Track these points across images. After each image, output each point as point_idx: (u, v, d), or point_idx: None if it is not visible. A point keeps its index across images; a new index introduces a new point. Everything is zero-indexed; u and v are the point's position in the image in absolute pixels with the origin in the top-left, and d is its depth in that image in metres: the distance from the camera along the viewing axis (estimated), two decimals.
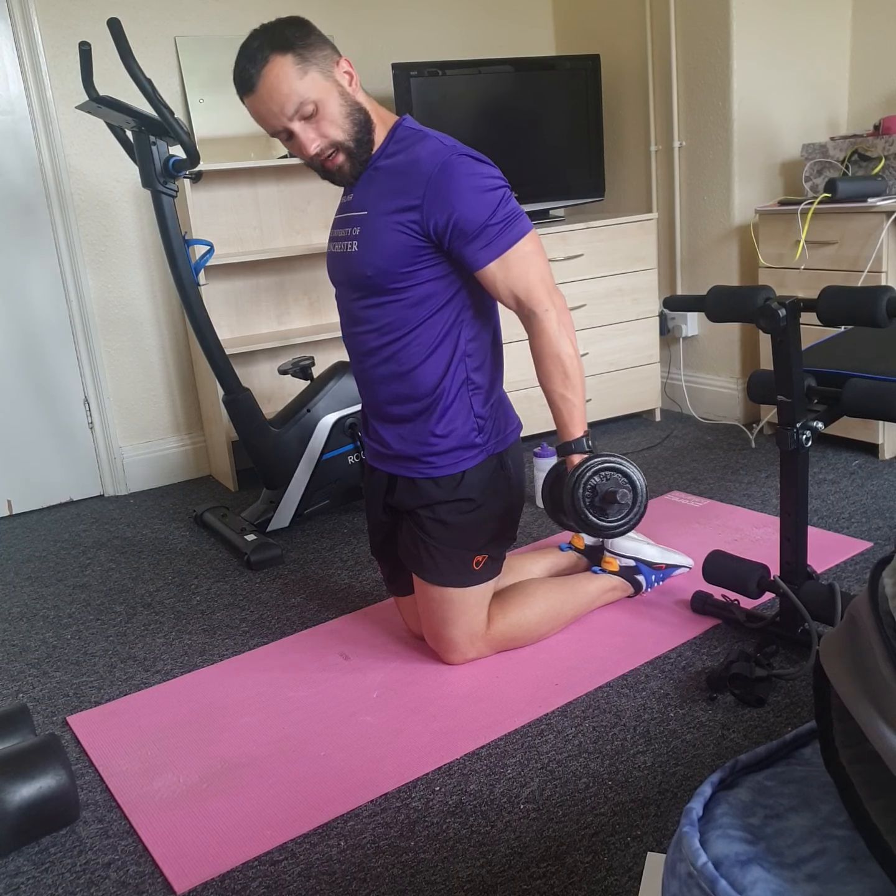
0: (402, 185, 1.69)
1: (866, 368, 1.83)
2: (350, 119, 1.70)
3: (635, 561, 2.13)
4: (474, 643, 1.92)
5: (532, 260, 1.69)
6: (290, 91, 1.63)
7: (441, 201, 1.64)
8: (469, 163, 1.67)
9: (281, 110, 1.64)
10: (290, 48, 1.64)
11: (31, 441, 3.17)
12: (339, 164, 1.72)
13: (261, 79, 1.63)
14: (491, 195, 1.66)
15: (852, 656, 0.80)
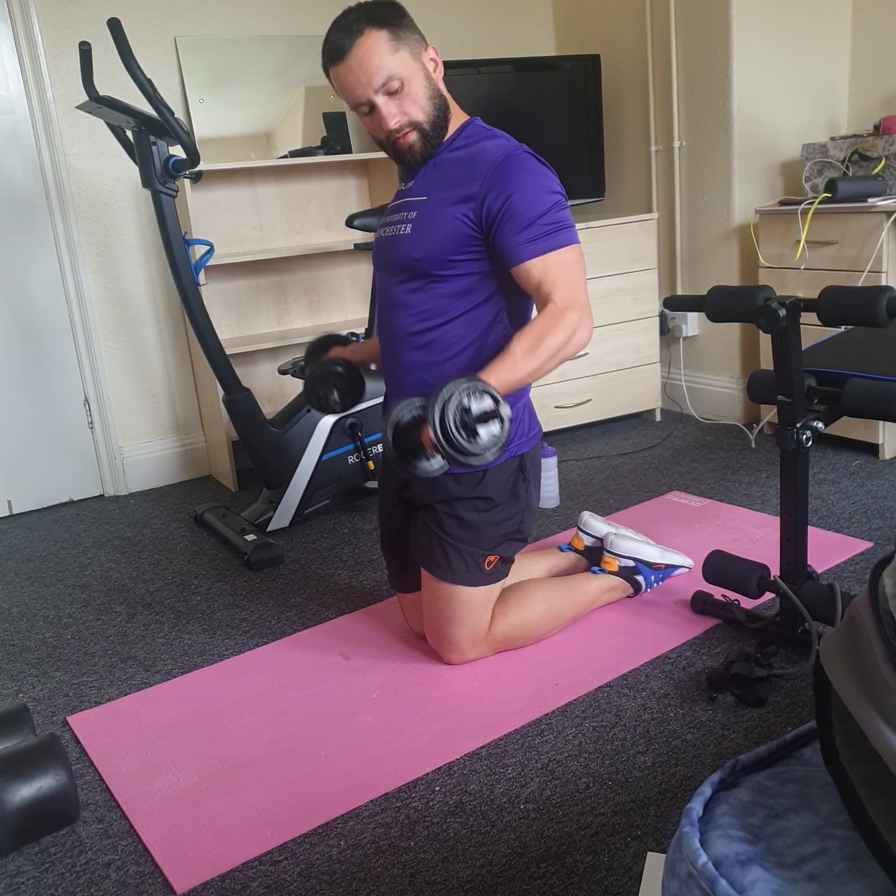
0: (465, 173, 1.72)
1: (866, 368, 1.83)
2: (431, 102, 1.74)
3: (634, 561, 2.13)
4: (476, 644, 1.92)
5: (571, 269, 1.68)
6: (380, 64, 1.66)
7: (501, 185, 1.67)
8: (534, 162, 1.72)
9: (368, 81, 1.67)
10: (386, 24, 1.68)
11: (31, 441, 3.17)
12: (412, 142, 1.74)
13: (353, 48, 1.66)
14: (549, 196, 1.69)
15: (852, 656, 0.80)
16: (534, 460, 1.91)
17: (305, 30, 3.33)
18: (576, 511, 2.73)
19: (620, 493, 2.89)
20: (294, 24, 3.32)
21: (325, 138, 3.35)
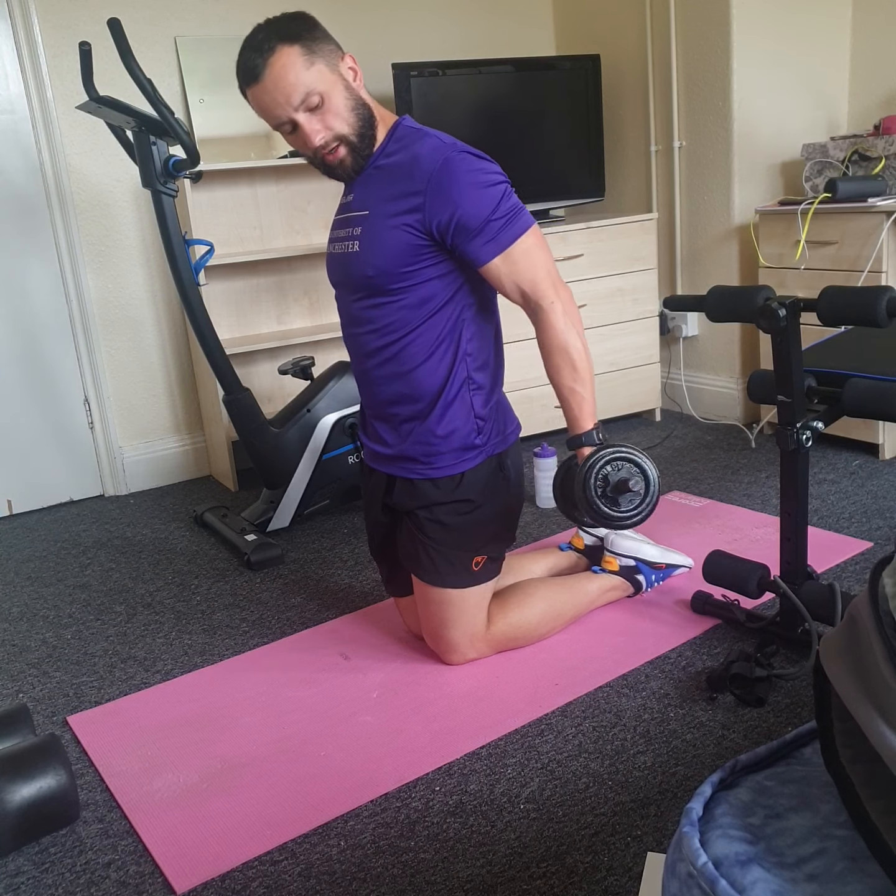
0: (403, 184, 1.69)
1: (866, 368, 1.83)
2: (354, 113, 1.70)
3: (635, 560, 2.13)
4: (474, 644, 1.92)
5: (536, 254, 1.69)
6: (296, 81, 1.63)
7: (443, 199, 1.64)
8: (469, 159, 1.68)
9: (287, 100, 1.64)
10: (297, 39, 1.64)
11: (31, 441, 3.17)
12: (341, 157, 1.71)
13: (267, 68, 1.63)
14: (492, 190, 1.66)
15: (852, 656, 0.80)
16: (514, 457, 1.90)
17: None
18: None
19: None
20: None
21: None
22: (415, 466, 1.84)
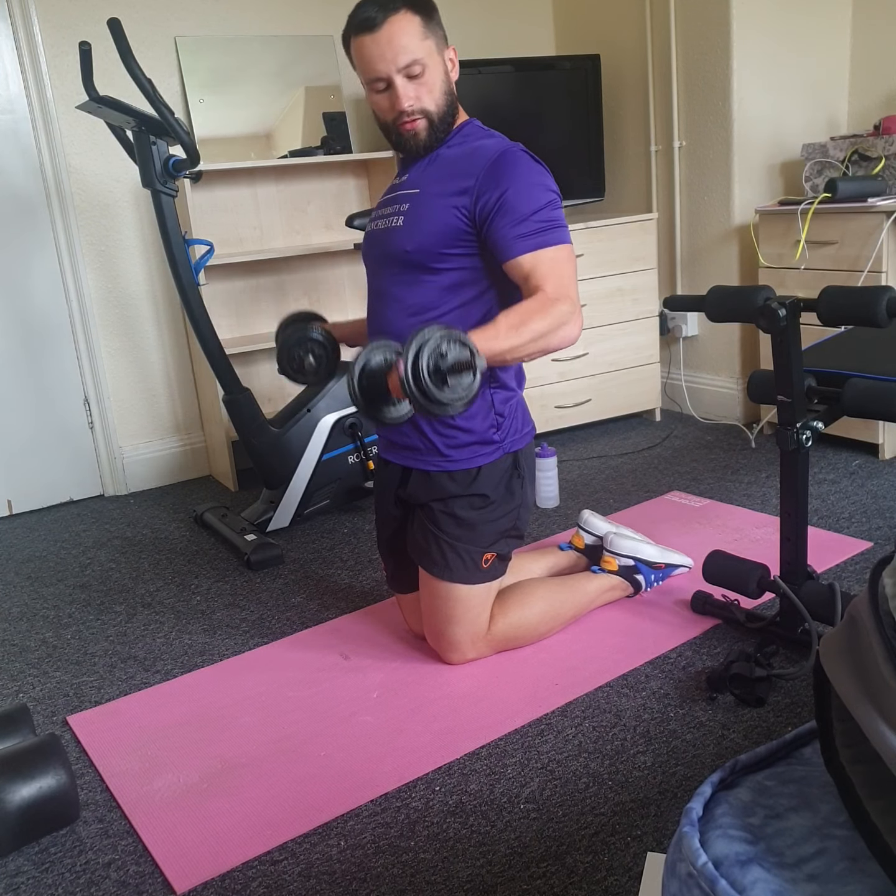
0: (461, 168, 1.74)
1: (866, 368, 1.83)
2: (445, 96, 1.76)
3: (634, 560, 2.13)
4: (475, 643, 1.92)
5: (562, 266, 1.68)
6: (409, 45, 1.68)
7: (496, 180, 1.68)
8: (530, 160, 1.73)
9: (394, 58, 1.68)
10: (422, 11, 1.70)
11: (31, 441, 3.17)
12: (418, 129, 1.75)
13: (386, 23, 1.66)
14: (544, 193, 1.70)
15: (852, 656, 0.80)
16: (528, 457, 1.92)
17: (305, 30, 3.33)
18: (575, 511, 2.73)
19: (620, 493, 2.89)
20: (294, 24, 3.32)
21: (325, 138, 3.35)
22: (432, 458, 1.85)
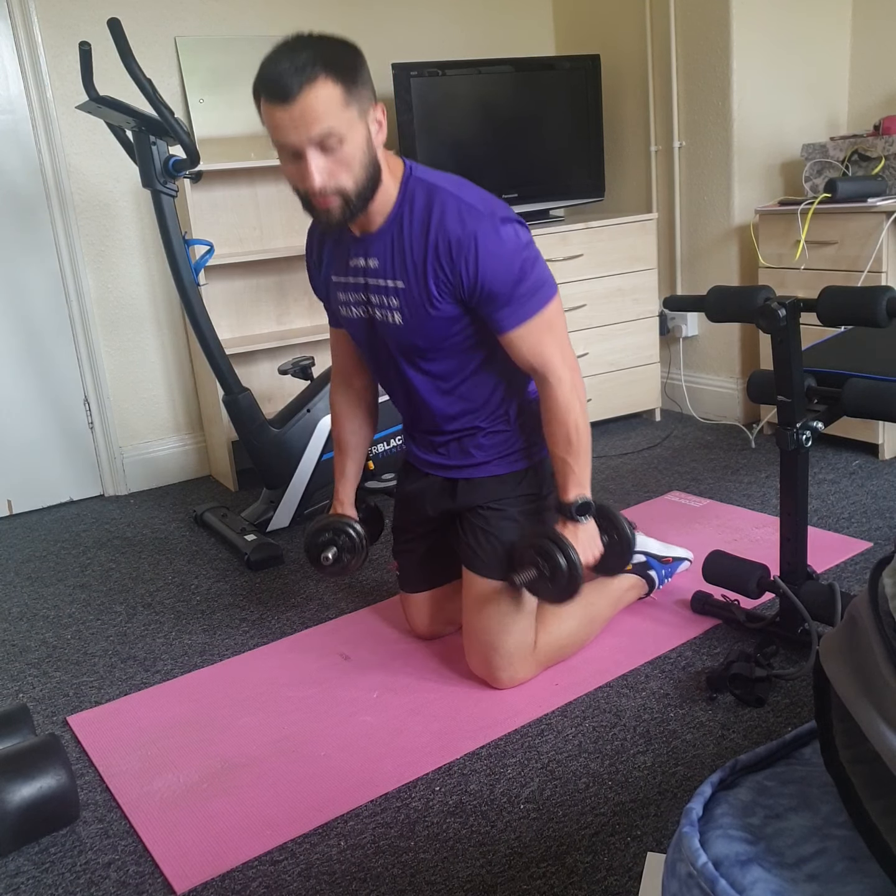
0: (431, 259, 1.64)
1: (866, 368, 1.83)
2: (365, 171, 1.58)
3: (645, 556, 2.13)
4: (526, 658, 1.84)
5: (554, 326, 1.69)
6: (325, 117, 1.50)
7: (470, 269, 1.61)
8: (496, 228, 1.61)
9: (307, 131, 1.51)
10: (344, 76, 1.52)
11: (31, 441, 3.17)
12: (331, 208, 1.59)
13: (301, 94, 1.49)
14: (519, 260, 1.63)
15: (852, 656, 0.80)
16: None
17: (305, 30, 3.32)
18: None
19: (620, 493, 2.89)
20: (294, 24, 3.32)
21: None
22: (484, 467, 1.87)
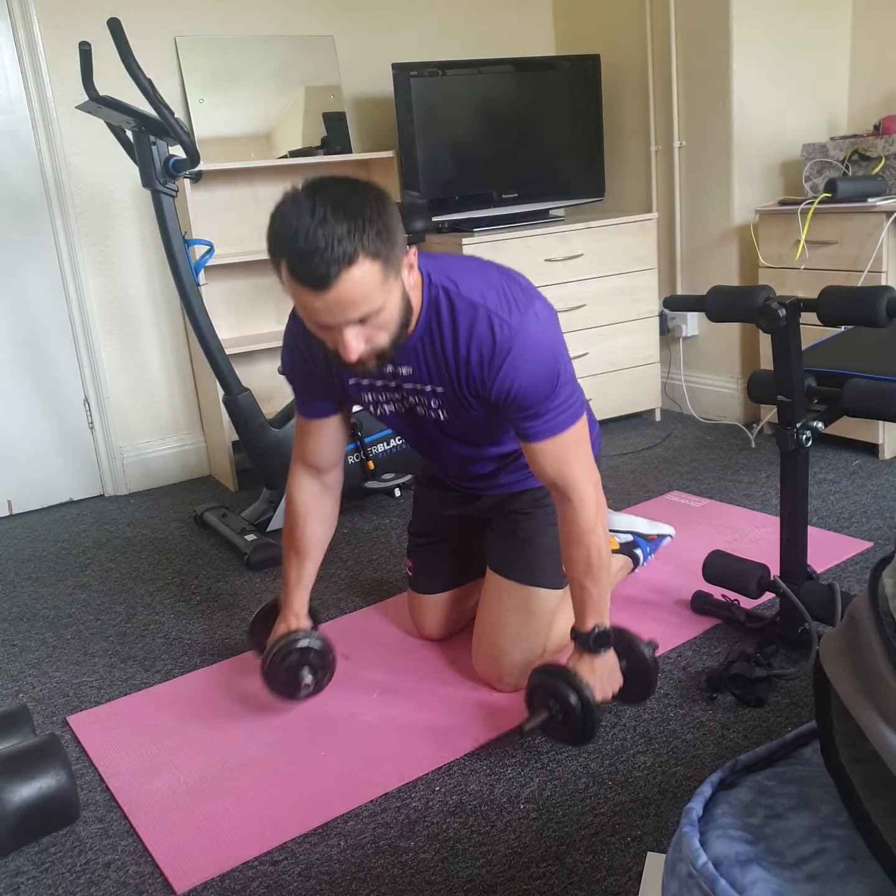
0: (465, 372, 1.55)
1: (866, 368, 1.82)
2: (399, 317, 1.45)
3: (633, 535, 2.14)
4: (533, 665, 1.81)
5: (580, 444, 1.59)
6: (365, 299, 1.35)
7: (505, 385, 1.52)
8: (528, 340, 1.50)
9: (345, 314, 1.36)
10: (382, 250, 1.34)
11: (31, 441, 3.17)
12: (367, 364, 1.47)
13: (339, 281, 1.31)
14: (552, 374, 1.52)
15: (852, 656, 0.80)
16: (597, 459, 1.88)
17: (305, 30, 3.33)
18: None
19: (620, 493, 2.89)
20: (294, 24, 3.32)
21: (325, 138, 3.35)
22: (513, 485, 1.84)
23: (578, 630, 1.63)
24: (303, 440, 1.78)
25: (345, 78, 3.40)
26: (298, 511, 1.79)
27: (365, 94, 3.48)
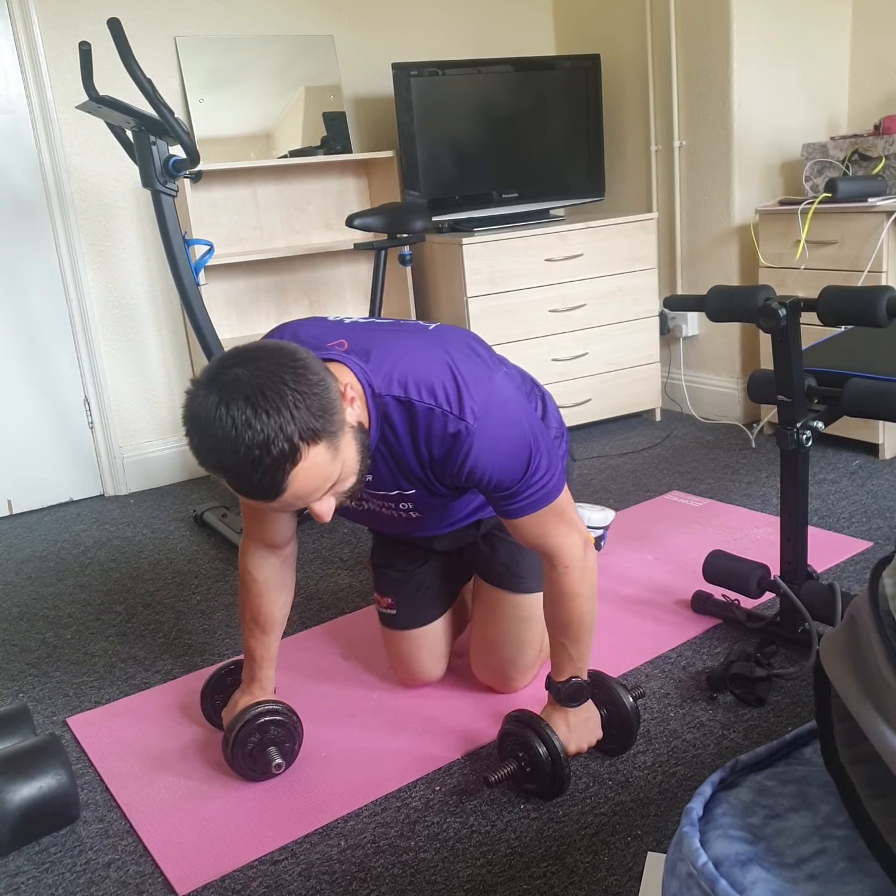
0: (431, 471, 1.45)
1: (866, 368, 1.82)
2: (360, 460, 1.31)
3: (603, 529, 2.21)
4: (536, 664, 1.84)
5: (563, 515, 1.49)
6: (321, 481, 1.23)
7: (469, 473, 1.39)
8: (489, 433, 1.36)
9: (305, 501, 1.25)
10: (320, 430, 1.19)
11: (31, 441, 3.17)
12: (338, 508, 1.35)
13: (288, 483, 1.18)
14: (521, 458, 1.40)
15: (852, 656, 0.80)
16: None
17: (305, 30, 3.33)
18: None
19: (620, 493, 2.89)
20: (294, 24, 3.32)
21: (324, 138, 3.35)
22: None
23: (552, 680, 1.56)
24: (255, 524, 1.62)
25: (345, 78, 3.40)
26: (261, 590, 1.65)
27: (365, 93, 3.48)
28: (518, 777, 1.53)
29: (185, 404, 1.19)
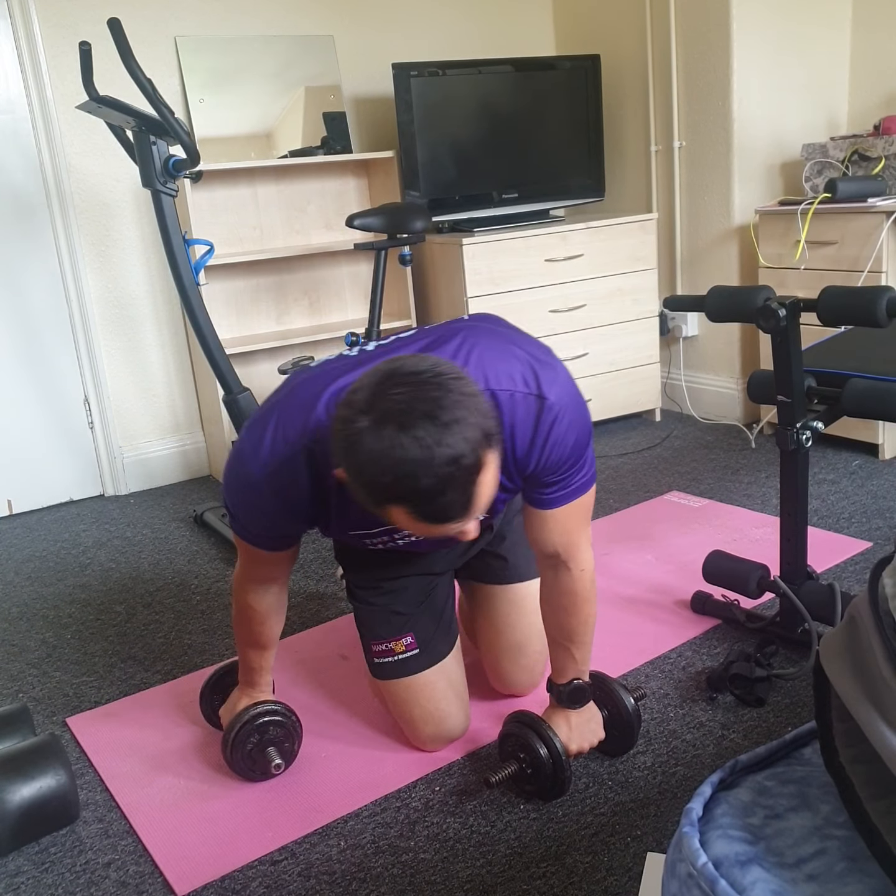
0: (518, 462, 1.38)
1: (866, 368, 1.82)
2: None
3: None
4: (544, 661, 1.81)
5: (588, 512, 1.48)
6: (494, 490, 1.18)
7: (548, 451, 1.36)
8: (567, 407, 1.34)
9: (482, 511, 1.18)
10: (494, 434, 1.14)
11: (31, 441, 3.17)
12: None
13: (475, 499, 1.13)
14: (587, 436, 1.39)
15: (852, 656, 0.80)
16: None
17: (305, 30, 3.33)
18: None
19: (620, 493, 2.89)
20: (294, 24, 3.32)
21: (325, 138, 3.35)
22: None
23: (554, 682, 1.55)
24: (255, 569, 1.56)
25: (345, 78, 3.40)
26: (262, 618, 1.60)
27: (365, 93, 3.48)
28: (519, 778, 1.53)
29: (349, 441, 1.10)
